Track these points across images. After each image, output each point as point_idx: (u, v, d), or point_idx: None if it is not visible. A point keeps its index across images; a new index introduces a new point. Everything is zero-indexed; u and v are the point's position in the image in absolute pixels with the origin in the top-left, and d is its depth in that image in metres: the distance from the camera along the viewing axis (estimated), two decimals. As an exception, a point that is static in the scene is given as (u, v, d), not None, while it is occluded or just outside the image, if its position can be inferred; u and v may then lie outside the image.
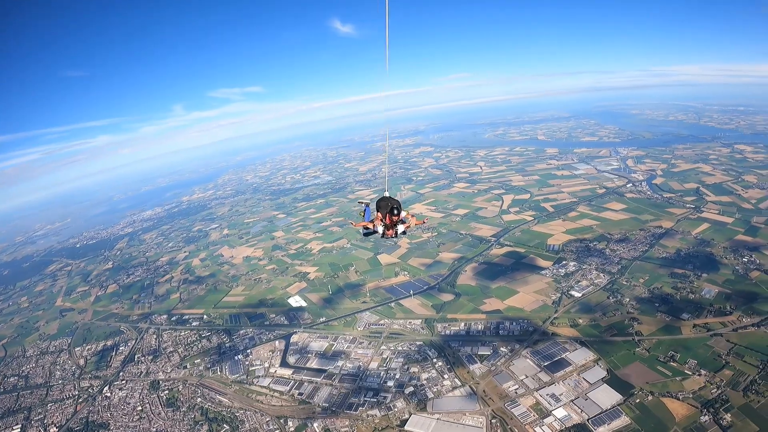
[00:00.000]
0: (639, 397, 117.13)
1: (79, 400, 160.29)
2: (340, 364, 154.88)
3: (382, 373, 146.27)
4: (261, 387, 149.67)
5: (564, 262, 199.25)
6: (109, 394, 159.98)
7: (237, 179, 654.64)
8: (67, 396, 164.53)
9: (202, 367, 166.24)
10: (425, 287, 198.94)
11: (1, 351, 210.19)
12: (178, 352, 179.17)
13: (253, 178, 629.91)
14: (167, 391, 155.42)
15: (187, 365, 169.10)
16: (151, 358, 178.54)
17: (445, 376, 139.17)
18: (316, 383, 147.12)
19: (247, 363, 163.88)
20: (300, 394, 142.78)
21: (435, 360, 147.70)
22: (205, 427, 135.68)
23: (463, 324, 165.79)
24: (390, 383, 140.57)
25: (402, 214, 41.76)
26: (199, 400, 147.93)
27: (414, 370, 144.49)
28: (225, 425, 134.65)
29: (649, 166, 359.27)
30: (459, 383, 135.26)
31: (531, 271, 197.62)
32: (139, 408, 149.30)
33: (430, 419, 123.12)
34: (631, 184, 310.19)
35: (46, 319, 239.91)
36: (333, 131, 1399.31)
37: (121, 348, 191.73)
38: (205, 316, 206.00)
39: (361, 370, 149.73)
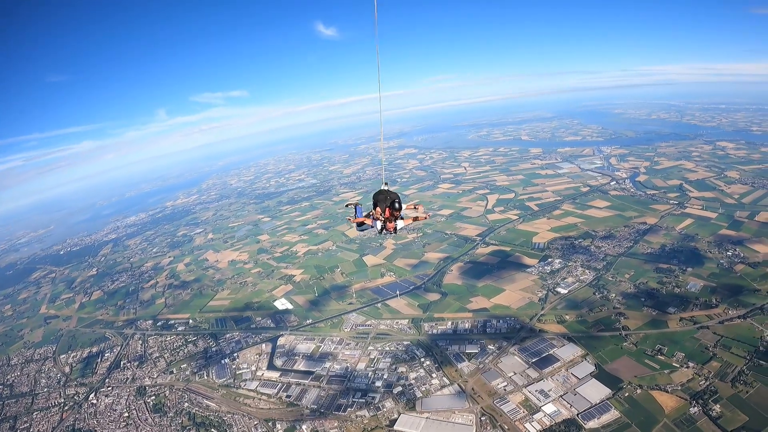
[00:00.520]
0: (628, 391, 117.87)
1: (65, 408, 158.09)
2: (327, 365, 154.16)
3: (370, 373, 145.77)
4: (248, 390, 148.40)
5: (549, 260, 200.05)
6: (95, 401, 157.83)
7: (221, 184, 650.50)
8: (52, 404, 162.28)
9: (188, 372, 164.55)
10: (411, 287, 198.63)
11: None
12: (164, 358, 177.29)
13: (238, 183, 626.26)
14: (154, 397, 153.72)
15: (174, 370, 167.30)
16: (137, 364, 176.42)
17: (434, 375, 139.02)
18: (304, 385, 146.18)
19: (234, 367, 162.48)
20: (288, 397, 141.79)
21: (423, 359, 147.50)
22: (193, 431, 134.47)
23: (450, 323, 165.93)
24: (378, 383, 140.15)
25: (402, 207, 39.38)
26: (186, 405, 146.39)
27: (402, 369, 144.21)
28: (213, 429, 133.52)
29: (632, 164, 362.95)
30: (447, 382, 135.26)
31: (517, 269, 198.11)
32: (126, 414, 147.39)
33: (420, 418, 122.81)
34: (614, 182, 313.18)
35: (31, 327, 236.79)
36: (317, 135, 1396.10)
37: (106, 354, 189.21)
38: (190, 321, 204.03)
39: (349, 371, 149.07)
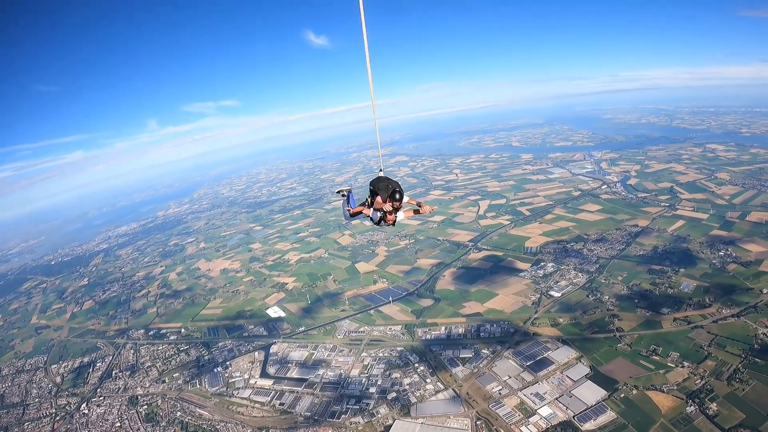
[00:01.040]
0: (623, 392, 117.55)
1: (57, 419, 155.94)
2: (321, 372, 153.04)
3: (364, 379, 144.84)
4: (241, 398, 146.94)
5: (542, 264, 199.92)
6: (86, 411, 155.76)
7: (213, 193, 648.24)
8: (44, 414, 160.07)
9: (181, 381, 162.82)
10: (404, 293, 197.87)
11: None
12: (157, 367, 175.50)
13: (229, 192, 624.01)
14: (146, 406, 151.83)
15: (166, 379, 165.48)
16: (128, 373, 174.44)
17: (428, 381, 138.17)
18: (297, 393, 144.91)
19: (227, 375, 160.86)
20: (281, 404, 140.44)
21: (417, 365, 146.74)
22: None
23: (443, 328, 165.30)
24: (372, 390, 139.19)
25: (404, 200, 35.56)
26: (178, 414, 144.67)
27: (396, 375, 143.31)
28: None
29: (623, 168, 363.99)
30: (442, 387, 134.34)
31: (510, 273, 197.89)
32: (118, 424, 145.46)
33: (415, 424, 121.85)
34: (606, 186, 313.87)
35: (22, 337, 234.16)
36: (308, 144, 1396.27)
37: (98, 364, 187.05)
38: (182, 330, 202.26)
39: (343, 377, 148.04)
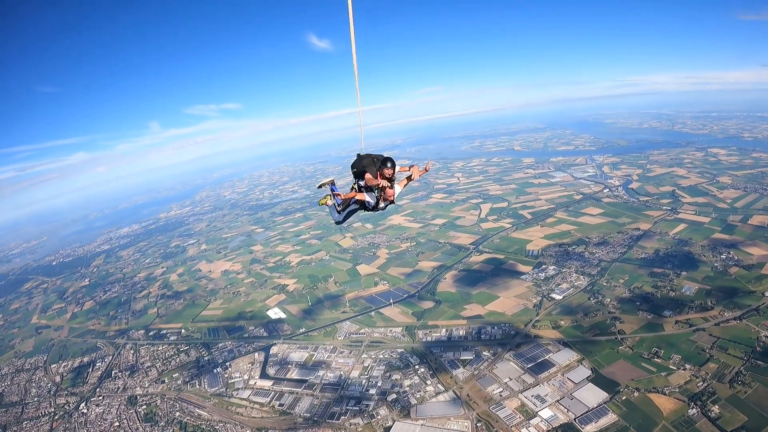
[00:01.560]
0: (625, 394, 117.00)
1: (55, 418, 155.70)
2: (320, 373, 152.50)
3: (364, 381, 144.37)
4: (241, 399, 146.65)
5: (544, 267, 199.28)
6: (85, 411, 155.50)
7: (215, 196, 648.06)
8: (42, 413, 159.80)
9: (180, 381, 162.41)
10: (405, 296, 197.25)
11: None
12: (156, 367, 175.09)
13: (231, 194, 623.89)
14: (145, 406, 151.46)
15: (165, 380, 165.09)
16: (128, 373, 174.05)
17: (428, 382, 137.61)
18: (297, 394, 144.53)
19: (227, 376, 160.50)
20: (281, 405, 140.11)
21: (417, 366, 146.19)
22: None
23: (444, 330, 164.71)
24: (372, 391, 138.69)
25: (396, 168, 32.01)
26: (177, 414, 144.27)
27: (396, 377, 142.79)
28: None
29: (624, 172, 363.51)
30: (442, 388, 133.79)
31: (511, 276, 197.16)
32: (117, 424, 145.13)
33: (414, 425, 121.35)
34: (607, 190, 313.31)
35: (22, 337, 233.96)
36: (310, 147, 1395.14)
37: (97, 364, 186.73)
38: (183, 331, 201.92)
39: (343, 379, 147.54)
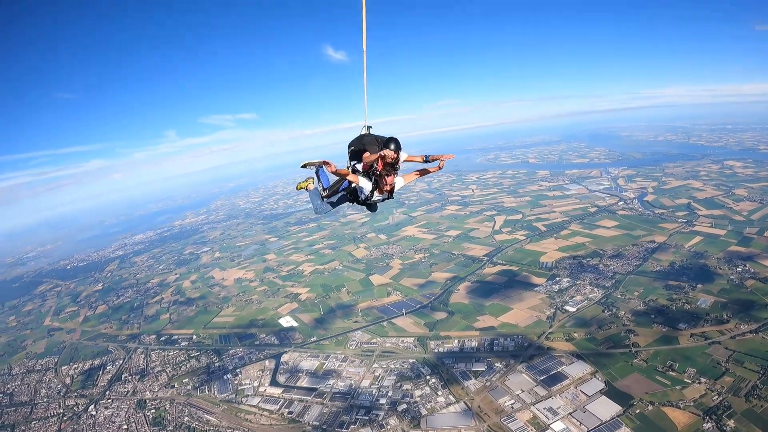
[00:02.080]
0: (639, 408, 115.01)
1: (64, 419, 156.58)
2: (331, 382, 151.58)
3: (375, 390, 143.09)
4: (250, 406, 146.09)
5: (558, 279, 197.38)
6: (94, 413, 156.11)
7: (229, 204, 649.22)
8: (51, 414, 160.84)
9: (190, 387, 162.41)
10: (418, 306, 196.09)
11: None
12: (166, 372, 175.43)
13: (246, 204, 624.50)
14: (154, 410, 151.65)
15: (175, 384, 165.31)
16: (138, 377, 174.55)
17: (439, 393, 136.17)
18: (307, 402, 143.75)
19: (236, 382, 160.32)
20: (290, 413, 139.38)
21: (428, 377, 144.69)
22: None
23: (456, 341, 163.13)
24: (382, 401, 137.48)
25: (402, 155, 25.70)
26: (186, 419, 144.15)
27: (407, 387, 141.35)
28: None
29: (640, 185, 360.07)
30: (453, 399, 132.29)
31: (524, 288, 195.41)
32: (125, 427, 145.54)
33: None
34: (622, 202, 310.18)
35: (34, 338, 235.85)
36: (325, 158, 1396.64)
37: (108, 367, 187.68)
38: (194, 337, 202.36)
39: (353, 388, 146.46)
